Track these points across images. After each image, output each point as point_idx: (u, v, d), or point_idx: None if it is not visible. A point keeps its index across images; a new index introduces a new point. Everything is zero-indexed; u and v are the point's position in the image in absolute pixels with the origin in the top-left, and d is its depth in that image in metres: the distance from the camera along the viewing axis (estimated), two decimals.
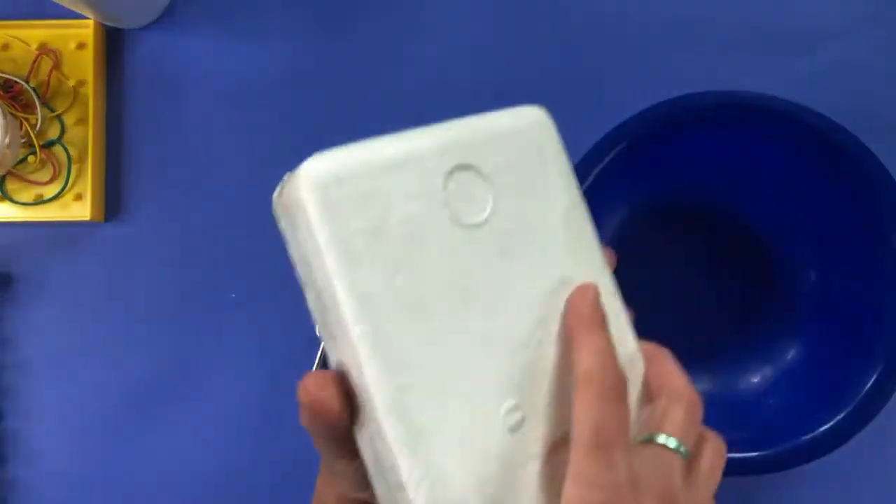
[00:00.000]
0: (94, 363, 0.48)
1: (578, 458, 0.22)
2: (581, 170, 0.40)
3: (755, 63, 0.49)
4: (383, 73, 0.49)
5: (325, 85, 0.49)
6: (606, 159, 0.40)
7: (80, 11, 0.47)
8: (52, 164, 0.47)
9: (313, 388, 0.22)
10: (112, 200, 0.49)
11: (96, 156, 0.48)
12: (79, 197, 0.47)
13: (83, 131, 0.48)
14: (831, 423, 0.40)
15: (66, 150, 0.48)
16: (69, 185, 0.47)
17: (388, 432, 0.21)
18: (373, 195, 0.22)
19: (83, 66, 0.48)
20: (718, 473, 0.26)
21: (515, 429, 0.23)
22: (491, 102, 0.49)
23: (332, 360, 0.23)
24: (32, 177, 0.48)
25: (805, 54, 0.49)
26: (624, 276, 0.46)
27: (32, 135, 0.47)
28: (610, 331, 0.25)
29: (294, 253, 0.23)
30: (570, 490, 0.22)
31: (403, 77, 0.49)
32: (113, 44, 0.49)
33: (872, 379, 0.40)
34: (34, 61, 0.48)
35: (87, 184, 0.47)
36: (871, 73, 0.49)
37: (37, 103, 0.47)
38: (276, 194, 0.24)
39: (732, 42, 0.49)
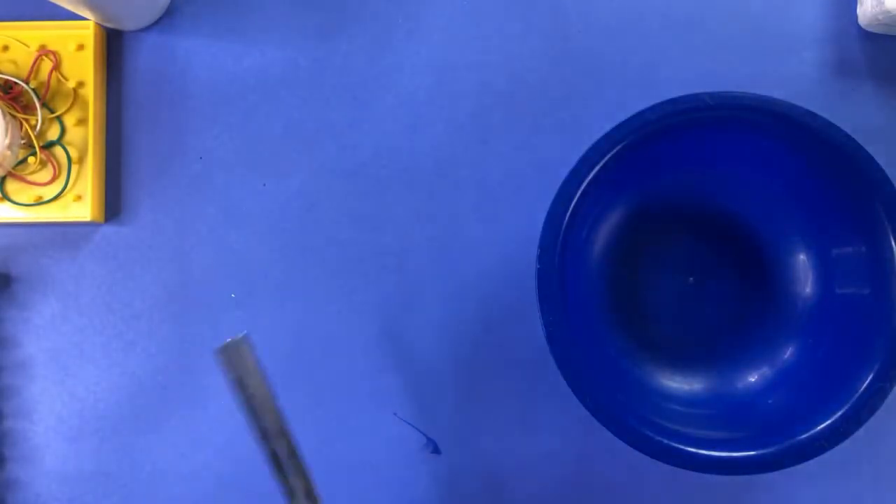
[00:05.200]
0: (94, 363, 0.48)
1: None
2: (580, 170, 0.40)
3: (753, 64, 0.49)
4: (382, 73, 0.49)
5: (324, 86, 0.49)
6: (605, 160, 0.40)
7: (79, 13, 0.47)
8: (52, 165, 0.48)
9: None
10: (112, 201, 0.49)
11: (96, 157, 0.48)
12: (79, 198, 0.48)
13: (83, 132, 0.48)
14: (828, 423, 0.40)
15: (66, 150, 0.48)
16: (69, 185, 0.48)
17: None
18: None
19: (83, 68, 0.48)
20: None
21: None
22: (490, 103, 0.50)
23: None
24: (32, 178, 0.48)
25: (803, 55, 0.49)
26: (623, 277, 0.46)
27: (32, 136, 0.47)
28: None
29: None
30: None
31: (402, 77, 0.49)
32: (113, 45, 0.50)
33: (869, 378, 0.40)
34: (34, 62, 0.48)
35: (87, 184, 0.48)
36: (864, 74, 0.49)
37: (37, 104, 0.47)
38: None
39: (730, 43, 0.49)
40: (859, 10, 0.48)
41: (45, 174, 0.48)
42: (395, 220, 0.49)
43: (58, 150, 0.48)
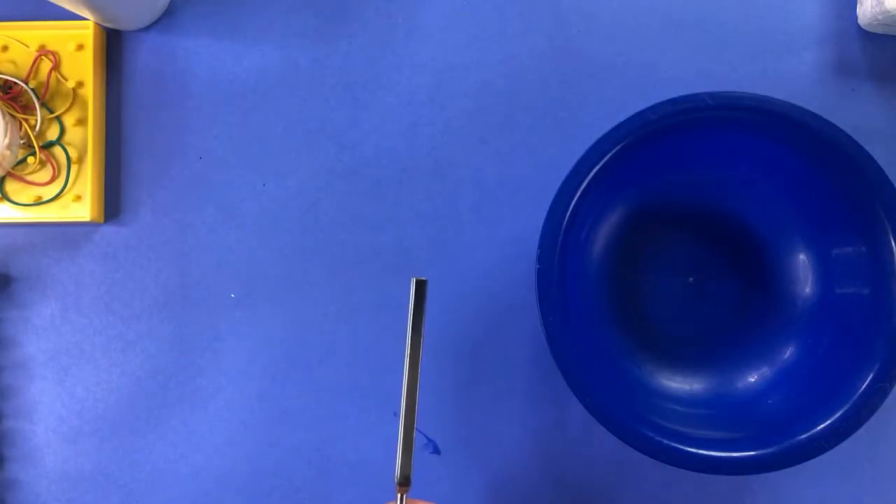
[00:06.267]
0: (93, 363, 0.48)
1: None
2: (580, 170, 0.40)
3: (753, 64, 0.49)
4: (382, 73, 0.49)
5: (324, 86, 0.49)
6: (605, 159, 0.40)
7: (79, 13, 0.47)
8: (52, 165, 0.48)
9: None
10: (111, 201, 0.49)
11: (96, 156, 0.48)
12: (78, 198, 0.48)
13: (82, 132, 0.48)
14: (829, 422, 0.40)
15: (65, 150, 0.48)
16: (68, 185, 0.48)
17: None
18: None
19: (82, 67, 0.48)
20: None
21: None
22: (490, 103, 0.50)
23: None
24: (32, 178, 0.48)
25: (803, 55, 0.49)
26: (623, 277, 0.46)
27: (32, 136, 0.47)
28: None
29: None
30: None
31: (402, 77, 0.49)
32: (112, 45, 0.50)
33: (869, 378, 0.40)
34: (34, 62, 0.48)
35: (86, 184, 0.48)
36: (864, 74, 0.49)
37: (36, 104, 0.47)
38: None
39: (730, 43, 0.49)
40: (859, 10, 0.48)
41: (45, 174, 0.48)
42: (395, 220, 0.49)
43: (57, 150, 0.48)
